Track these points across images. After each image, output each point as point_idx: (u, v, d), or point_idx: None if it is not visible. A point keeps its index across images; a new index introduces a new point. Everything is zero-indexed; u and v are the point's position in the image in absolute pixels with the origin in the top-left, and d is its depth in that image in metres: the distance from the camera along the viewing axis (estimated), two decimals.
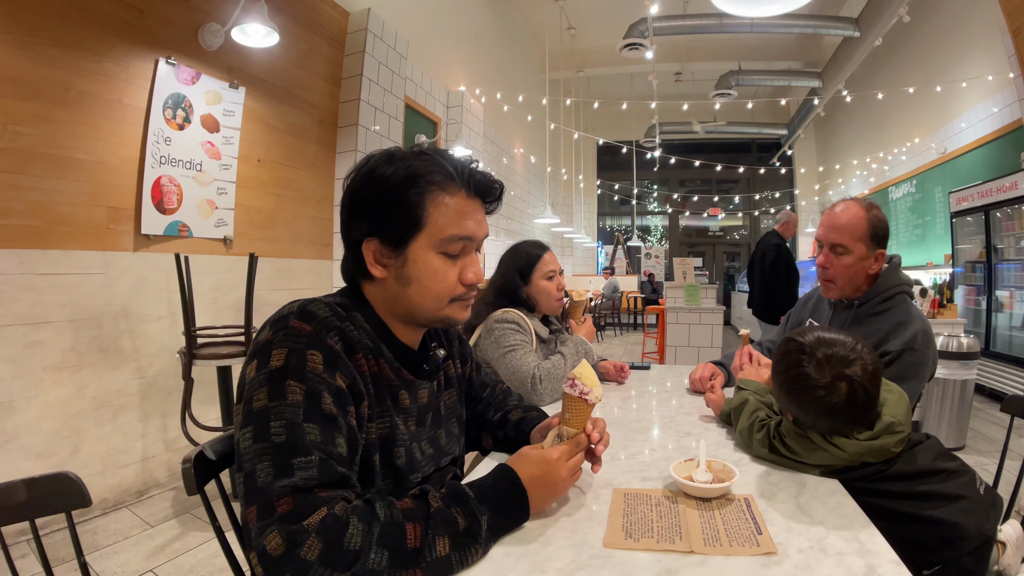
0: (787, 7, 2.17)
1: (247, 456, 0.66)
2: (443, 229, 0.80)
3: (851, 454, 0.92)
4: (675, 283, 4.97)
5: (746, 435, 1.08)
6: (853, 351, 0.94)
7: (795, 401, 0.97)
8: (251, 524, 0.62)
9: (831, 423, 0.93)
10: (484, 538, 0.70)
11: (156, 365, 2.70)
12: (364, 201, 0.81)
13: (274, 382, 0.68)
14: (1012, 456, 1.25)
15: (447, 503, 0.69)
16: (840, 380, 0.91)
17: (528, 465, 0.78)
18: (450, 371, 1.01)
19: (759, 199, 13.13)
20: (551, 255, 1.75)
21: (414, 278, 0.81)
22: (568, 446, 0.82)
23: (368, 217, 0.81)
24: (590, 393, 0.83)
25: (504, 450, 1.09)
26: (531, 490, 0.77)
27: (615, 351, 7.83)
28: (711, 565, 0.68)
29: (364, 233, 0.81)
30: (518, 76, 8.42)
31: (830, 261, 1.41)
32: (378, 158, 0.83)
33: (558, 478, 0.79)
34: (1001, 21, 4.05)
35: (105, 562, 2.00)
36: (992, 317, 4.86)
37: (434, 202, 0.80)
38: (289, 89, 3.50)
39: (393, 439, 0.81)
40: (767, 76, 8.91)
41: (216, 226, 2.99)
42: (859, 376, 0.92)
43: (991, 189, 4.79)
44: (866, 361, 0.93)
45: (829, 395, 0.92)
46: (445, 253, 0.82)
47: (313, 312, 0.75)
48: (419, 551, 0.64)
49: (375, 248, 0.81)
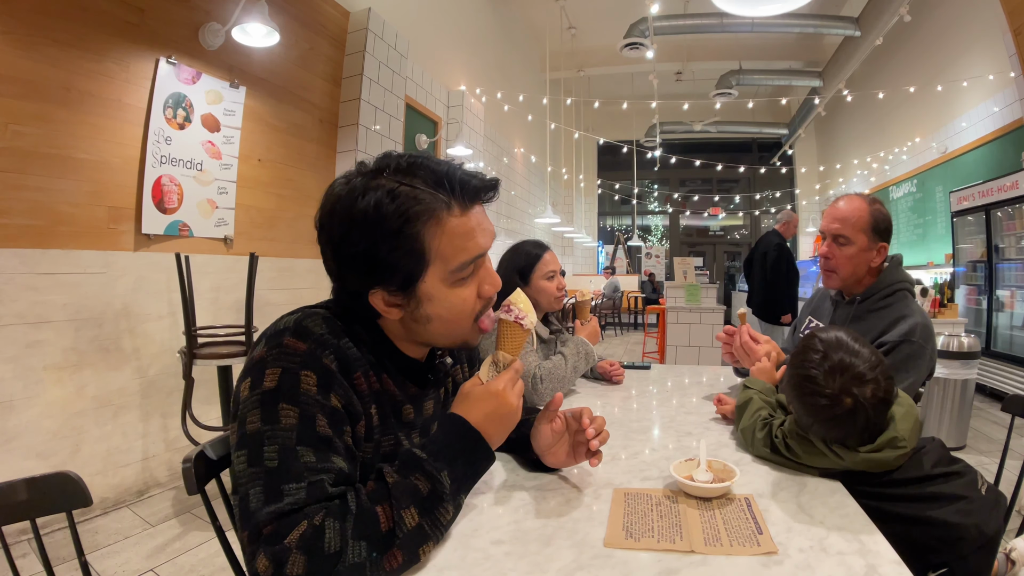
0: (788, 7, 2.16)
1: (241, 479, 0.66)
2: (451, 259, 0.75)
3: (850, 463, 0.92)
4: (676, 283, 4.97)
5: (748, 434, 1.08)
6: (871, 371, 0.90)
7: (798, 400, 0.96)
8: (244, 547, 0.63)
9: (828, 432, 0.93)
10: (450, 494, 0.69)
11: (156, 365, 2.70)
12: (354, 253, 0.73)
13: (267, 405, 0.67)
14: (1013, 456, 1.25)
15: (403, 472, 0.69)
16: (846, 395, 0.90)
17: (475, 404, 0.76)
18: (458, 376, 0.99)
19: (760, 199, 13.12)
20: (551, 255, 1.75)
21: (434, 316, 0.77)
22: (510, 374, 0.80)
23: (365, 269, 0.73)
24: (525, 318, 0.81)
25: (510, 450, 1.07)
26: (485, 428, 0.75)
27: (615, 351, 7.83)
28: (712, 565, 0.68)
29: (365, 286, 0.75)
30: (518, 76, 8.42)
31: (832, 251, 1.43)
32: (348, 193, 0.73)
33: (510, 408, 0.77)
34: (1002, 20, 4.04)
35: (106, 562, 2.00)
36: (993, 317, 4.85)
37: (433, 234, 0.73)
38: (290, 89, 3.50)
39: (396, 456, 0.80)
40: (768, 76, 8.91)
41: (217, 226, 2.99)
42: (867, 398, 0.89)
43: (992, 188, 4.79)
44: (879, 386, 0.90)
45: (832, 406, 0.90)
46: (460, 280, 0.77)
47: (309, 329, 0.72)
48: (392, 531, 0.64)
49: (383, 297, 0.76)
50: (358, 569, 0.61)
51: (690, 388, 1.73)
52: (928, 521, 0.91)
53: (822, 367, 0.92)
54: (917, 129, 7.21)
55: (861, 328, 1.41)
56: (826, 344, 0.95)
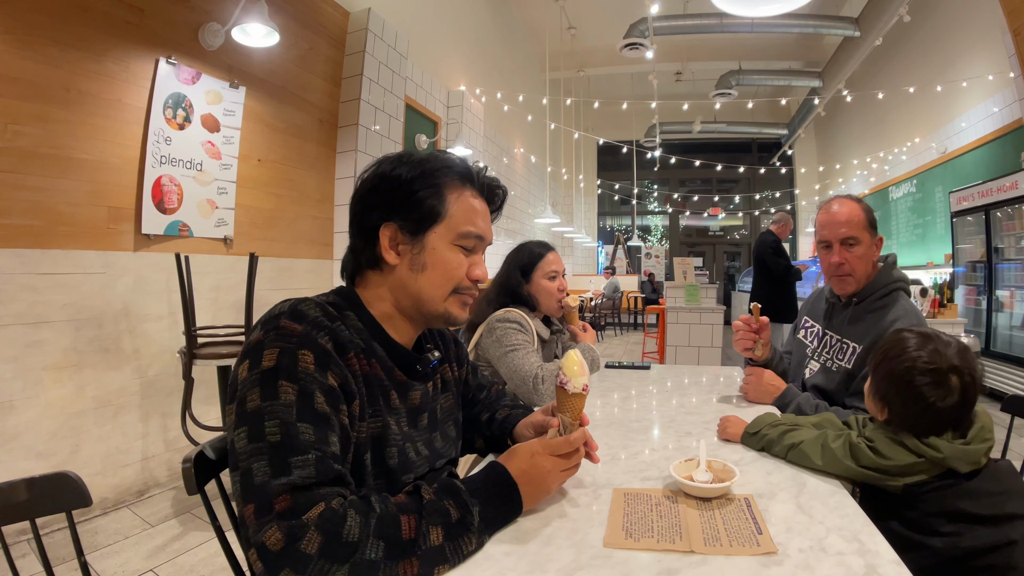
0: (787, 7, 2.17)
1: (243, 455, 0.66)
2: (461, 224, 0.85)
3: (945, 456, 0.90)
4: (675, 283, 4.97)
5: (815, 447, 0.99)
6: (963, 355, 0.95)
7: (902, 390, 0.95)
8: (249, 521, 0.62)
9: (932, 420, 0.93)
10: (477, 529, 0.70)
11: (156, 365, 2.70)
12: (385, 191, 0.84)
13: (266, 382, 0.68)
14: (1012, 456, 1.25)
15: (439, 496, 0.70)
16: (953, 373, 0.92)
17: (515, 460, 0.80)
18: (447, 374, 1.01)
19: (759, 199, 13.12)
20: (555, 255, 1.75)
21: (429, 265, 0.84)
22: (555, 441, 0.82)
23: (389, 205, 0.83)
24: (568, 383, 0.83)
25: (492, 449, 1.09)
26: (520, 484, 0.77)
27: (615, 351, 7.83)
28: (711, 565, 0.68)
29: (382, 219, 0.83)
30: (518, 76, 8.42)
31: (844, 256, 1.43)
32: (394, 158, 0.86)
33: (543, 471, 0.79)
34: (1001, 21, 4.05)
35: (105, 562, 2.00)
36: (992, 317, 4.85)
37: (453, 196, 0.85)
38: (289, 89, 3.50)
39: (385, 439, 0.81)
40: (767, 76, 8.91)
41: (216, 226, 2.99)
42: (969, 374, 0.93)
43: (991, 189, 4.79)
44: (973, 367, 0.94)
45: (938, 387, 0.92)
46: (460, 246, 0.86)
47: (304, 312, 0.76)
48: (414, 541, 0.64)
49: (392, 234, 0.83)
50: (372, 567, 0.61)
51: (690, 388, 1.73)
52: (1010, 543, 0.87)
53: (924, 350, 0.95)
54: (917, 129, 7.21)
55: (859, 329, 1.41)
56: (919, 335, 0.98)
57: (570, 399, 0.84)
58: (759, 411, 1.40)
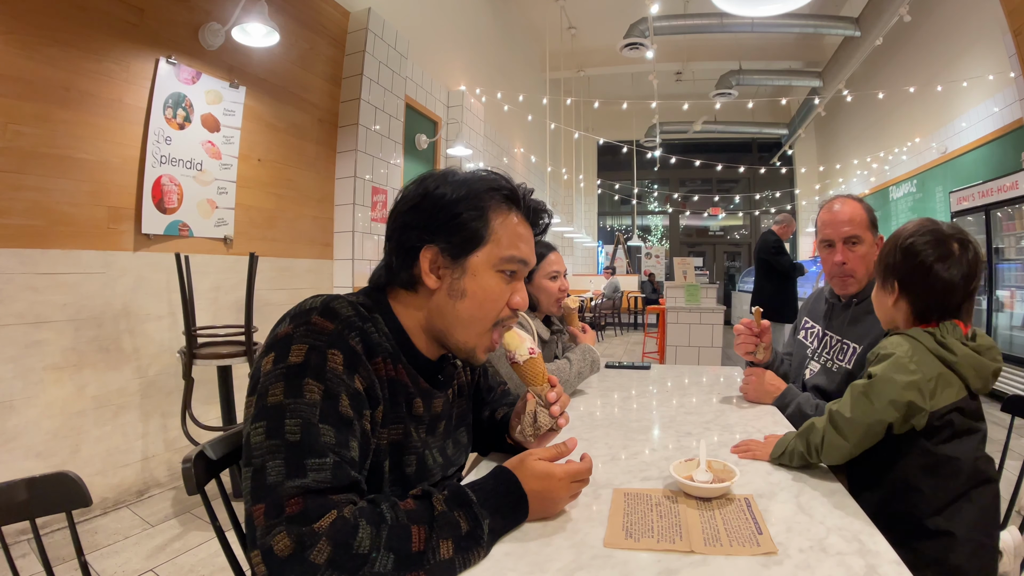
0: (787, 7, 2.17)
1: (258, 451, 0.64)
2: (505, 248, 0.81)
3: (958, 358, 0.94)
4: (675, 283, 4.97)
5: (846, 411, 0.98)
6: (961, 230, 1.01)
7: (907, 265, 1.00)
8: (257, 522, 0.60)
9: (939, 296, 0.97)
10: (486, 541, 0.70)
11: (156, 365, 2.70)
12: (427, 210, 0.80)
13: (292, 378, 0.67)
14: (1013, 456, 1.25)
15: (450, 506, 0.69)
16: (953, 240, 0.98)
17: (531, 479, 0.77)
18: (461, 379, 1.00)
19: (759, 199, 13.13)
20: (557, 255, 1.74)
21: (468, 293, 0.80)
22: (575, 467, 0.81)
23: (430, 226, 0.79)
24: (515, 355, 0.90)
25: (491, 441, 1.08)
26: (531, 500, 0.77)
27: (615, 351, 7.83)
28: (711, 565, 0.68)
29: (423, 239, 0.79)
30: (518, 76, 8.42)
31: (847, 255, 1.43)
32: (439, 176, 0.83)
33: (556, 496, 0.79)
34: (1001, 21, 4.05)
35: (105, 562, 2.00)
36: (992, 317, 4.85)
37: (499, 220, 0.81)
38: (289, 89, 3.50)
39: (405, 446, 0.80)
40: (767, 76, 8.91)
41: (216, 226, 2.99)
42: (968, 243, 0.98)
43: (992, 189, 4.78)
44: (972, 239, 1.01)
45: (941, 254, 0.97)
46: (503, 272, 0.82)
47: (336, 310, 0.74)
48: (423, 554, 0.63)
49: (433, 256, 0.80)
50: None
51: (690, 388, 1.73)
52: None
53: (922, 227, 1.01)
54: (917, 129, 7.21)
55: (859, 330, 1.41)
56: (917, 222, 1.04)
57: (525, 368, 0.91)
58: (759, 411, 1.40)
